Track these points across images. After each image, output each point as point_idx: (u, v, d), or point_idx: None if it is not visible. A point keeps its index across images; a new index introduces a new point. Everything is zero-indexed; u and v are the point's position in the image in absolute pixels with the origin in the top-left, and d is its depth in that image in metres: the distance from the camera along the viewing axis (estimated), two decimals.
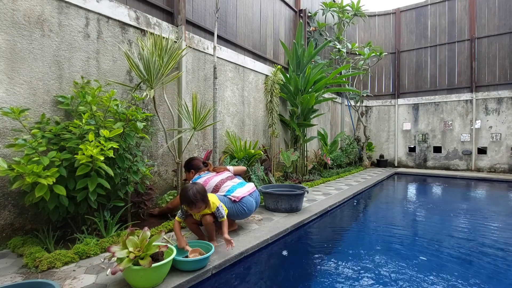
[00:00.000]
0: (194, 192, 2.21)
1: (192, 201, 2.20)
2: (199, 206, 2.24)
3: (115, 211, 2.73)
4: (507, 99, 8.40)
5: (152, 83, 3.08)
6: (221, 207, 2.39)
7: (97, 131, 2.44)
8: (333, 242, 3.02)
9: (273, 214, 3.53)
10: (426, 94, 9.75)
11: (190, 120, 3.42)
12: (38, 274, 1.89)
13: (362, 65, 9.19)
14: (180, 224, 2.33)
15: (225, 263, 2.18)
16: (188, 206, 2.25)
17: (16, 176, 2.05)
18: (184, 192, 2.24)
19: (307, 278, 2.16)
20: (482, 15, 8.79)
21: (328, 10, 8.51)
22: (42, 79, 2.62)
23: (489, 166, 8.63)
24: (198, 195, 2.21)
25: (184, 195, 2.23)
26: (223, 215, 2.37)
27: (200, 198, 2.22)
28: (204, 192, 2.29)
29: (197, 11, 4.37)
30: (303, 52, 6.26)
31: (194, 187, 2.24)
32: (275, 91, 5.88)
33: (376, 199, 5.33)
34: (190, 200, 2.20)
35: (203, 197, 2.25)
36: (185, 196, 2.22)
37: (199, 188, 2.27)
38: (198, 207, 2.24)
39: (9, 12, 2.42)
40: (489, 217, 3.99)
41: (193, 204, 2.21)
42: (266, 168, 5.26)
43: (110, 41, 3.17)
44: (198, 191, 2.23)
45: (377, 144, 10.60)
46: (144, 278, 1.68)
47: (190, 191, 2.21)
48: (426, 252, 2.68)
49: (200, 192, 2.24)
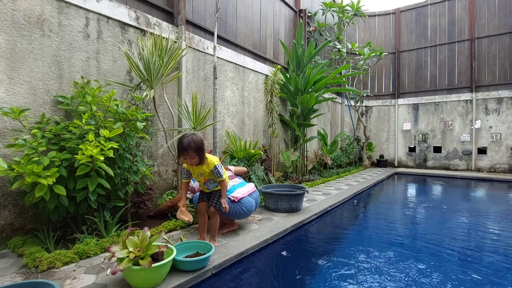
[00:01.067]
0: (189, 140, 2.22)
1: (185, 147, 2.19)
2: (191, 156, 2.22)
3: (115, 211, 2.73)
4: (507, 99, 8.40)
5: (152, 83, 3.08)
6: (219, 167, 2.37)
7: (97, 131, 2.44)
8: (333, 242, 3.02)
9: (273, 214, 3.53)
10: (426, 94, 9.75)
11: (190, 120, 3.43)
12: (38, 274, 1.89)
13: (362, 65, 9.19)
14: (187, 184, 2.50)
15: (225, 263, 2.18)
16: (181, 153, 2.24)
17: (16, 176, 2.05)
18: (180, 139, 2.26)
19: (307, 278, 2.16)
20: (482, 15, 8.79)
21: (328, 10, 8.51)
22: (42, 79, 2.62)
23: (489, 166, 8.63)
24: (192, 143, 2.21)
25: (179, 142, 2.24)
26: (221, 174, 2.37)
27: (193, 146, 2.21)
28: (200, 144, 2.26)
29: (197, 11, 4.37)
30: (303, 52, 6.26)
31: (191, 136, 2.25)
32: (275, 91, 5.88)
33: (376, 199, 5.33)
34: (183, 145, 2.20)
35: (197, 148, 2.23)
36: (180, 142, 2.24)
37: (196, 138, 2.26)
38: (191, 157, 2.23)
39: (9, 12, 2.42)
40: (489, 217, 3.99)
41: (185, 150, 2.20)
42: (266, 168, 5.26)
43: (110, 41, 3.17)
44: (193, 140, 2.23)
45: (377, 144, 10.60)
46: (144, 278, 1.68)
47: (185, 138, 2.23)
48: (426, 253, 2.68)
49: (195, 141, 2.23)
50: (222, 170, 2.40)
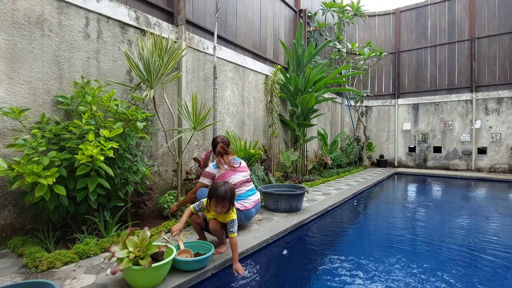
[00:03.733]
0: (225, 189, 2.17)
1: (222, 197, 2.14)
2: (225, 206, 2.18)
3: (115, 211, 2.73)
4: (507, 99, 8.40)
5: (152, 83, 3.08)
6: (235, 222, 2.27)
7: (97, 131, 2.44)
8: (333, 242, 3.02)
9: (273, 214, 3.53)
10: (426, 94, 9.75)
11: (190, 120, 3.42)
12: (38, 274, 1.89)
13: (362, 65, 9.19)
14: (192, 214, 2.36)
15: (225, 263, 2.19)
16: (216, 201, 2.17)
17: (16, 176, 2.05)
18: (216, 186, 2.20)
19: (307, 278, 2.15)
20: (482, 15, 8.79)
21: (328, 10, 8.51)
22: (42, 79, 2.62)
23: (489, 166, 8.63)
24: (229, 193, 2.17)
25: (216, 189, 2.18)
26: (234, 230, 2.21)
27: (229, 197, 2.18)
28: (233, 195, 2.24)
29: (197, 11, 4.37)
30: (303, 52, 6.26)
31: (227, 185, 2.22)
32: (275, 91, 5.88)
33: (376, 199, 5.33)
34: (220, 195, 2.15)
35: (231, 199, 2.21)
36: (217, 190, 2.17)
37: (231, 187, 2.23)
38: (223, 206, 2.18)
39: (9, 12, 2.42)
40: (489, 217, 3.99)
41: (222, 200, 2.15)
42: (266, 168, 5.26)
43: (110, 41, 3.17)
44: (230, 189, 2.20)
45: (377, 144, 10.60)
46: (144, 278, 1.68)
47: (222, 187, 2.18)
48: (427, 253, 2.68)
49: (231, 191, 2.20)
50: (236, 227, 2.26)
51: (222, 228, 2.30)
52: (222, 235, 2.34)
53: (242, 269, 2.11)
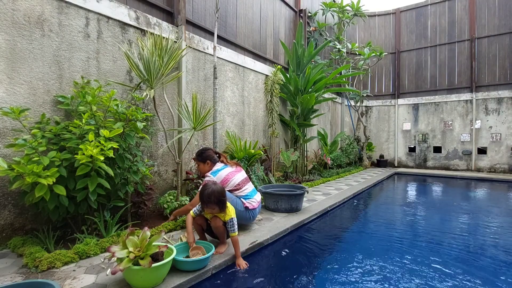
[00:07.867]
0: (209, 193, 2.17)
1: (204, 201, 2.19)
2: (212, 207, 2.20)
3: (115, 211, 2.73)
4: (507, 99, 8.40)
5: (152, 83, 3.08)
6: (235, 221, 2.27)
7: (97, 131, 2.44)
8: (333, 242, 3.02)
9: (273, 214, 3.53)
10: (426, 94, 9.75)
11: (190, 120, 3.42)
12: (38, 274, 1.89)
13: (362, 65, 9.19)
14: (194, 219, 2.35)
15: (225, 263, 2.19)
16: (202, 205, 2.24)
17: (16, 176, 2.05)
18: (203, 189, 2.23)
19: (307, 278, 2.15)
20: (482, 15, 8.79)
21: (328, 10, 8.51)
22: (42, 79, 2.62)
23: (489, 166, 8.63)
24: (212, 196, 2.17)
25: (201, 193, 2.21)
26: (235, 229, 2.24)
27: (214, 200, 2.17)
28: (222, 196, 2.22)
29: (197, 11, 4.37)
30: (303, 52, 6.25)
31: (213, 187, 2.20)
32: (275, 91, 5.88)
33: (376, 199, 5.33)
34: (203, 199, 2.20)
35: (219, 200, 2.19)
36: (201, 194, 2.21)
37: (218, 189, 2.21)
38: (211, 208, 2.21)
39: (9, 12, 2.42)
40: (489, 217, 3.99)
41: (205, 204, 2.20)
42: (266, 168, 5.26)
43: (110, 41, 3.17)
44: (214, 192, 2.18)
45: (377, 144, 10.60)
46: (144, 278, 1.68)
47: (206, 191, 2.19)
48: (427, 253, 2.68)
49: (215, 195, 2.18)
50: (236, 225, 2.27)
51: (224, 226, 2.31)
52: (223, 233, 2.35)
53: (244, 264, 2.14)
